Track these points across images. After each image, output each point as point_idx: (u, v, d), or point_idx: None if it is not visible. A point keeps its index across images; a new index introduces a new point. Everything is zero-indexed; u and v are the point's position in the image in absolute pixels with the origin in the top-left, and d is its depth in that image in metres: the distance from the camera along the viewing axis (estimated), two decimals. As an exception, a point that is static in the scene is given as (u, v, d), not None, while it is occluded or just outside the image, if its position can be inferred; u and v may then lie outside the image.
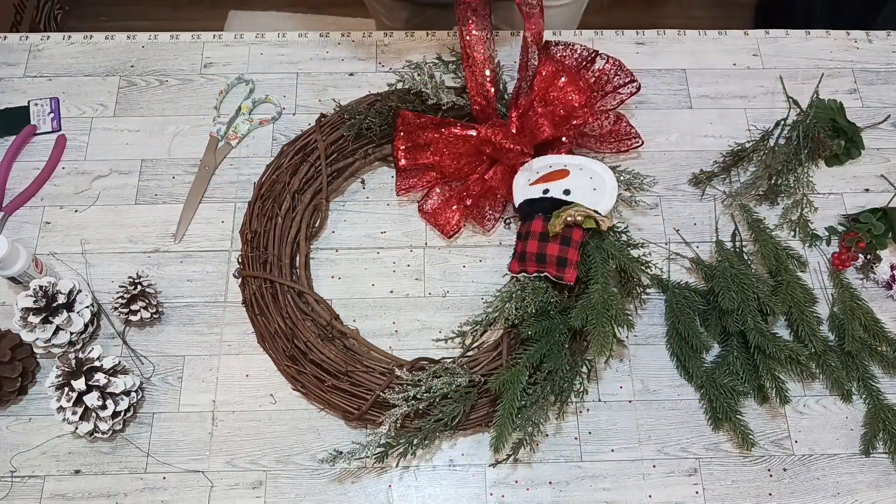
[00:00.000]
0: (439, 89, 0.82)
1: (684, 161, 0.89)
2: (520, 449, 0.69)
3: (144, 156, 0.87)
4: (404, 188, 0.85)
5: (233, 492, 0.72)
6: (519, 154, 0.80)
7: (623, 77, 0.85)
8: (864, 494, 0.73)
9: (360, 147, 0.86)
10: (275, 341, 0.76)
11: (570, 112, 0.83)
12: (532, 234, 0.76)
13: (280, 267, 0.79)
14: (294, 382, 0.76)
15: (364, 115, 0.84)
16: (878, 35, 0.99)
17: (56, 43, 0.94)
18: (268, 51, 0.94)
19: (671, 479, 0.73)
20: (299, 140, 0.85)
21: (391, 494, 0.72)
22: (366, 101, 0.87)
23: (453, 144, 0.83)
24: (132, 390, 0.72)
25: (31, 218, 0.84)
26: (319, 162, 0.83)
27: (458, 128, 0.82)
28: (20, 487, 0.71)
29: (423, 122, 0.83)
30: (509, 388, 0.69)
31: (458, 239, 0.84)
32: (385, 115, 0.84)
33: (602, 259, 0.74)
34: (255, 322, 0.78)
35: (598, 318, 0.69)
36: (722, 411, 0.73)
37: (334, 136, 0.85)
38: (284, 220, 0.81)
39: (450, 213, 0.83)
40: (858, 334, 0.77)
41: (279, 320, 0.76)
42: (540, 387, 0.70)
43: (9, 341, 0.73)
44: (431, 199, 0.85)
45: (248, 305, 0.79)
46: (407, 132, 0.83)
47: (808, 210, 0.86)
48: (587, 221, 0.73)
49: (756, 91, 0.94)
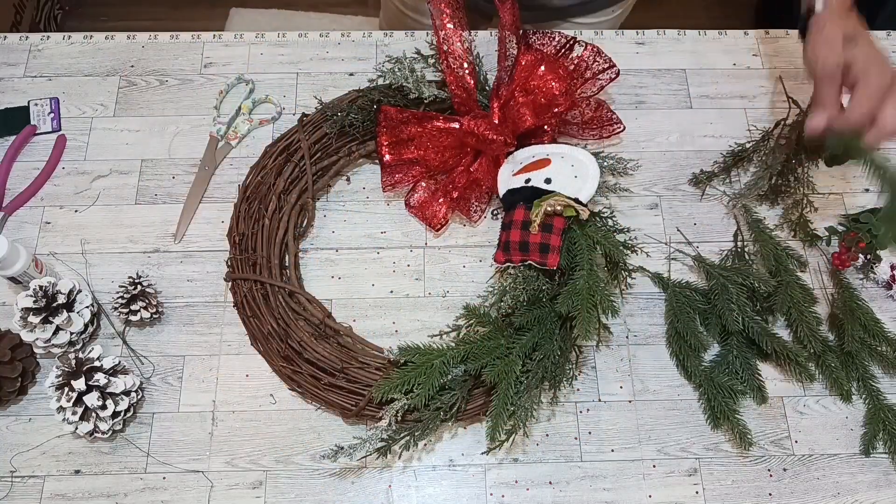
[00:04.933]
0: (420, 83, 0.82)
1: (684, 161, 0.89)
2: (514, 434, 0.69)
3: (144, 156, 0.87)
4: (390, 184, 0.84)
5: (233, 492, 0.72)
6: (502, 144, 0.80)
7: (602, 63, 0.85)
8: (864, 494, 0.73)
9: (343, 145, 0.86)
10: (268, 342, 0.76)
11: (551, 100, 0.83)
12: (514, 224, 0.76)
13: (270, 268, 0.79)
14: (290, 382, 0.76)
15: (346, 112, 0.84)
16: (879, 35, 0.99)
17: (56, 43, 0.94)
18: (268, 51, 0.94)
19: (671, 479, 0.73)
20: (282, 140, 0.85)
21: (391, 494, 0.72)
22: (347, 98, 0.87)
23: (437, 138, 0.83)
24: (132, 390, 0.72)
25: (31, 218, 0.84)
26: (304, 161, 0.83)
27: (441, 121, 0.82)
28: (20, 487, 0.71)
29: (405, 116, 0.83)
30: (504, 378, 0.69)
31: (458, 239, 0.84)
32: (367, 111, 0.84)
33: (588, 245, 0.74)
34: (247, 324, 0.78)
35: (584, 304, 0.69)
36: (720, 411, 0.73)
37: (318, 135, 0.85)
38: (272, 221, 0.81)
39: (436, 207, 0.83)
40: (858, 334, 0.77)
41: (272, 321, 0.76)
42: (532, 374, 0.71)
43: (9, 341, 0.73)
44: (417, 193, 0.85)
45: (240, 308, 0.79)
46: (389, 127, 0.83)
47: (808, 210, 0.85)
48: (567, 210, 0.74)
49: (756, 91, 0.94)
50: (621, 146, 0.90)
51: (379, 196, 0.86)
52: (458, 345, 0.71)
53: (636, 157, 0.88)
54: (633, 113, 0.92)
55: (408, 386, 0.68)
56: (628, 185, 0.87)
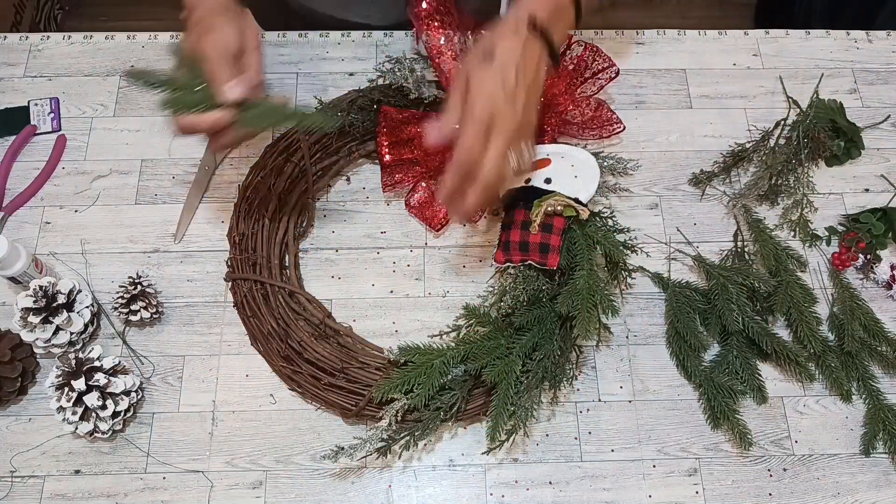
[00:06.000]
0: (420, 83, 0.82)
1: (684, 161, 0.89)
2: (514, 434, 0.69)
3: (144, 156, 0.87)
4: (390, 184, 0.84)
5: (233, 492, 0.72)
6: None
7: (601, 62, 0.85)
8: (864, 494, 0.73)
9: (343, 145, 0.86)
10: (268, 342, 0.76)
11: (551, 100, 0.83)
12: (515, 224, 0.76)
13: (270, 268, 0.79)
14: (290, 382, 0.76)
15: (346, 112, 0.84)
16: (878, 35, 0.99)
17: (56, 43, 0.94)
18: (268, 51, 0.94)
19: (671, 479, 0.73)
20: (282, 140, 0.85)
21: (391, 494, 0.72)
22: (347, 97, 0.87)
23: None
24: (132, 390, 0.72)
25: (31, 218, 0.84)
26: (304, 161, 0.83)
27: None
28: (20, 487, 0.71)
29: (405, 116, 0.83)
30: (504, 378, 0.69)
31: (458, 239, 0.84)
32: (367, 111, 0.84)
33: (588, 245, 0.75)
34: (247, 324, 0.78)
35: (584, 304, 0.70)
36: (720, 411, 0.73)
37: (318, 135, 0.85)
38: (272, 220, 0.81)
39: (437, 207, 0.83)
40: (858, 334, 0.77)
41: (272, 321, 0.76)
42: (532, 374, 0.71)
43: (9, 341, 0.73)
44: (417, 193, 0.85)
45: (240, 308, 0.79)
46: (390, 128, 0.83)
47: (808, 210, 0.86)
48: (567, 210, 0.74)
49: (756, 91, 0.94)
50: (621, 146, 0.90)
51: (379, 196, 0.86)
52: (459, 345, 0.71)
53: (636, 157, 0.88)
54: (633, 113, 0.92)
55: (408, 386, 0.68)
56: (628, 185, 0.87)
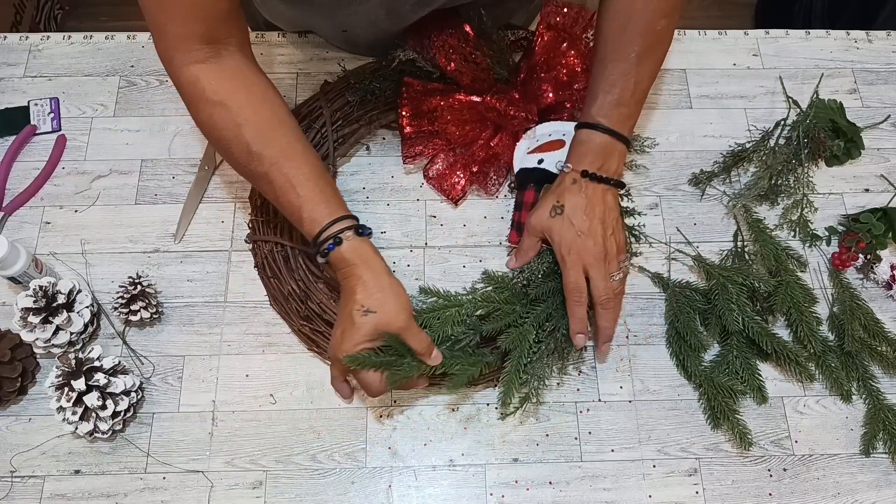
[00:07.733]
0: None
1: (684, 161, 0.89)
2: (526, 402, 0.71)
3: (144, 156, 0.87)
4: (410, 156, 0.85)
5: (233, 492, 0.72)
6: (524, 120, 0.81)
7: None
8: (864, 494, 0.73)
9: (365, 113, 0.87)
10: (288, 303, 0.78)
11: (573, 77, 0.84)
12: (525, 205, 0.79)
13: (290, 231, 0.80)
14: (309, 342, 0.77)
15: (369, 80, 0.85)
16: (878, 35, 0.99)
17: (56, 43, 0.94)
18: (268, 51, 0.94)
19: (671, 479, 0.73)
20: (304, 107, 0.87)
21: (391, 494, 0.72)
22: (370, 66, 0.88)
23: (458, 111, 0.83)
24: (132, 390, 0.72)
25: (31, 218, 0.84)
26: (325, 128, 0.84)
27: (463, 94, 0.83)
28: (20, 487, 0.71)
29: (427, 89, 0.83)
30: (517, 346, 0.70)
31: (458, 239, 0.84)
32: (390, 81, 0.85)
33: None
34: (267, 285, 0.80)
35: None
36: (720, 411, 0.73)
37: (339, 103, 0.86)
38: None
39: (455, 178, 0.84)
40: (858, 334, 0.77)
41: (292, 283, 0.78)
42: (545, 344, 0.72)
43: (9, 341, 0.73)
44: (437, 164, 0.85)
45: (261, 269, 0.80)
46: (411, 99, 0.83)
47: (808, 210, 0.86)
48: None
49: (756, 91, 0.94)
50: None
51: (379, 196, 0.86)
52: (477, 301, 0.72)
53: (636, 156, 0.88)
54: (633, 113, 0.92)
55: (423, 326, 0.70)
56: (628, 186, 0.87)
